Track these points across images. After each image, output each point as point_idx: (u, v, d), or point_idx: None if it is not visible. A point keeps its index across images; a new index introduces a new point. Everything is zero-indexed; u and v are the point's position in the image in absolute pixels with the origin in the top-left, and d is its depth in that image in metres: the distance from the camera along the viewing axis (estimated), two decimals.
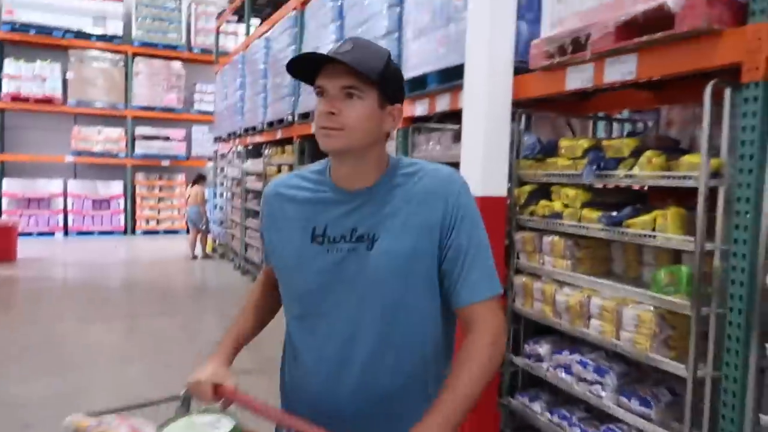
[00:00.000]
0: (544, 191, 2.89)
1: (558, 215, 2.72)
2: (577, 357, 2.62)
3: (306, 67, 1.23)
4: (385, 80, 1.21)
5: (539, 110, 3.16)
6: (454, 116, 3.21)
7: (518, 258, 2.97)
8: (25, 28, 12.25)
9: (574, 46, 2.45)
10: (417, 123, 4.01)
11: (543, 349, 2.85)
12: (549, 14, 2.69)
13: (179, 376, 1.32)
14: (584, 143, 2.61)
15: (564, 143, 2.74)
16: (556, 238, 2.74)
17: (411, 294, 1.23)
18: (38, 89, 12.40)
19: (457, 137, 3.30)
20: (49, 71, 12.52)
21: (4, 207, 12.19)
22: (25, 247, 9.90)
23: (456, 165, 2.62)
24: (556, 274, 2.73)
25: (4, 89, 12.15)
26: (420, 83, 3.65)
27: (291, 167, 6.73)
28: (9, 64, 12.23)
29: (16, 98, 12.21)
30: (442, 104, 3.48)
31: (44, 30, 12.40)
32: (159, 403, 1.33)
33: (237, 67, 8.86)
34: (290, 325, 1.35)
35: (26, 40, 12.36)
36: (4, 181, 12.30)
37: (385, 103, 1.23)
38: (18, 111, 12.53)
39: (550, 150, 2.84)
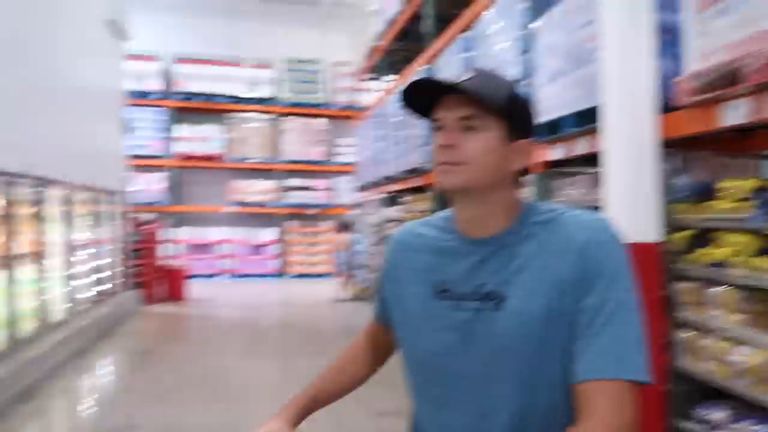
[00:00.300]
0: (702, 237, 2.65)
1: (723, 264, 2.45)
2: (764, 429, 2.30)
3: (424, 101, 1.10)
4: (510, 111, 1.07)
5: (691, 150, 2.86)
6: (593, 159, 3.10)
7: (679, 311, 2.71)
8: (192, 96, 14.03)
9: (726, 80, 2.24)
10: (554, 168, 3.87)
11: (719, 416, 2.49)
12: (692, 49, 2.47)
13: (326, 410, 1.31)
14: (751, 183, 2.37)
15: (726, 184, 2.50)
16: (726, 289, 2.45)
17: (548, 365, 1.03)
18: (203, 148, 14.06)
19: (597, 181, 3.16)
20: (211, 133, 14.17)
21: (179, 252, 13.75)
22: (194, 289, 11.09)
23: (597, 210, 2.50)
24: (729, 331, 2.43)
25: (178, 150, 13.90)
26: (555, 127, 3.58)
27: (428, 213, 6.99)
28: (181, 129, 14.00)
29: (187, 157, 13.92)
30: (580, 147, 3.38)
31: (207, 97, 14.12)
32: None
33: (374, 120, 9.45)
34: (412, 395, 1.19)
35: (194, 106, 14.13)
36: (179, 229, 13.91)
37: (512, 136, 1.07)
38: (188, 168, 14.22)
39: (706, 192, 2.62)
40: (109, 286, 8.66)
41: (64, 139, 6.87)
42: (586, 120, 3.19)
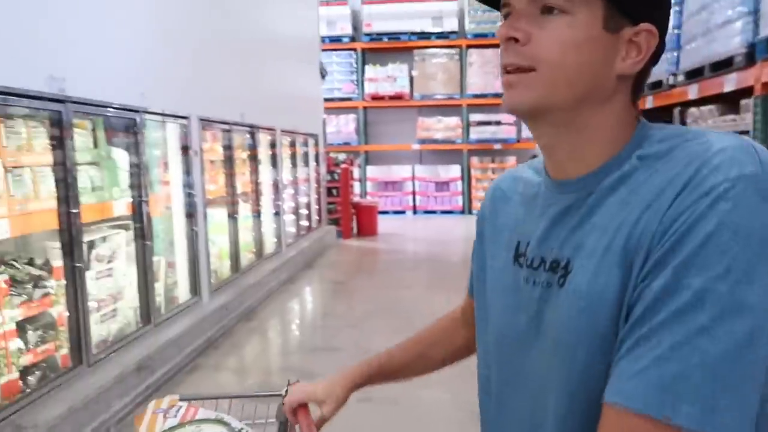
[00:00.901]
0: None
1: None
2: None
3: None
4: None
5: None
6: None
7: None
8: (379, 37, 14.40)
9: None
10: None
11: None
12: None
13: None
14: None
15: None
16: None
17: (603, 366, 0.67)
18: (390, 88, 14.47)
19: None
20: (398, 71, 14.48)
21: (368, 189, 14.64)
22: (383, 224, 11.78)
23: None
24: None
25: (366, 91, 14.50)
26: None
27: None
28: (368, 70, 14.53)
29: (374, 97, 14.48)
30: None
31: (394, 36, 14.37)
32: (258, 396, 1.23)
33: None
34: (479, 391, 0.93)
35: (380, 47, 14.50)
36: (368, 168, 14.75)
37: (620, 20, 0.70)
38: (375, 108, 14.81)
39: None
40: (309, 222, 9.56)
41: (270, 88, 7.57)
42: None
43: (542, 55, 0.70)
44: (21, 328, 3.24)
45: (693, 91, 3.83)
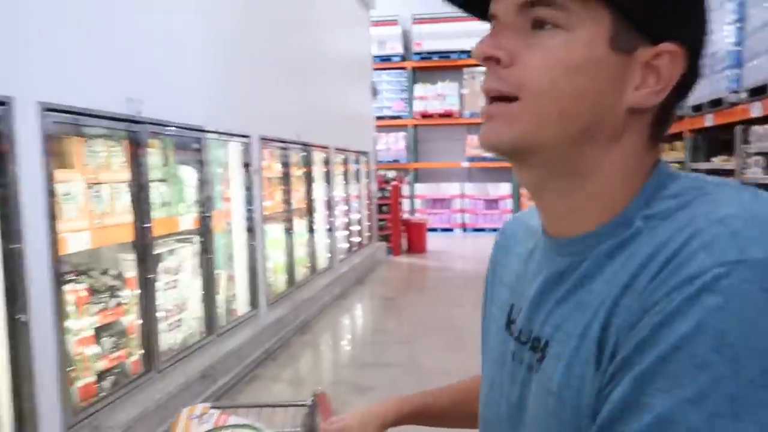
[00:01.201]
0: None
1: None
2: None
3: None
4: None
5: None
6: None
7: None
8: (429, 55, 14.58)
9: None
10: None
11: None
12: None
13: None
14: None
15: None
16: None
17: None
18: (440, 106, 14.59)
19: None
20: (448, 89, 14.61)
21: (417, 207, 14.72)
22: (431, 241, 11.81)
23: None
24: None
25: (416, 109, 14.66)
26: None
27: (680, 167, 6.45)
28: (418, 88, 14.70)
29: (424, 115, 14.62)
30: None
31: (444, 55, 14.52)
32: (285, 406, 1.31)
33: None
34: None
35: (430, 65, 14.66)
36: (416, 185, 14.85)
37: (635, 38, 0.55)
38: (425, 126, 14.94)
39: None
40: (360, 238, 9.70)
41: (324, 107, 7.78)
42: None
43: (528, 80, 0.55)
44: (97, 334, 3.43)
45: (756, 109, 3.79)
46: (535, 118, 0.56)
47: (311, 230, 7.15)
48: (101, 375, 3.40)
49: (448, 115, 14.59)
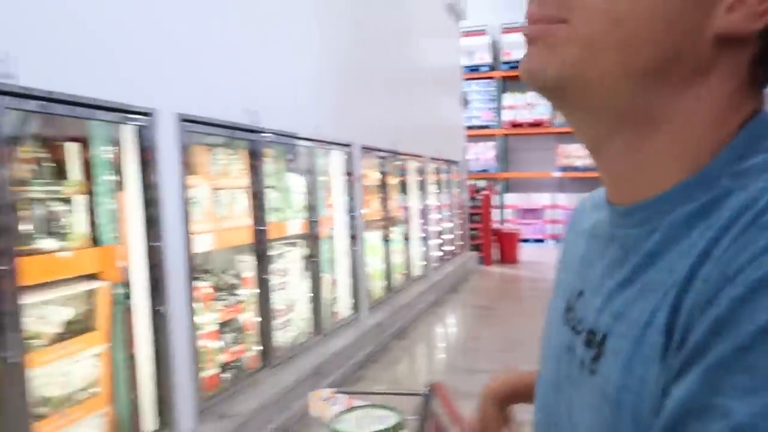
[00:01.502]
0: None
1: None
2: None
3: None
4: None
5: None
6: None
7: None
8: (518, 65, 14.41)
9: None
10: None
11: None
12: None
13: None
14: None
15: None
16: None
17: None
18: (529, 115, 14.40)
19: None
20: (537, 99, 14.39)
21: (507, 217, 14.57)
22: (523, 251, 11.63)
23: None
24: None
25: (505, 118, 14.54)
26: None
27: None
28: (507, 97, 14.58)
29: (513, 124, 14.48)
30: None
31: None
32: (403, 394, 1.43)
33: None
34: None
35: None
36: (506, 195, 14.70)
37: None
38: (514, 135, 14.78)
39: None
40: (453, 247, 9.72)
41: (417, 117, 7.91)
42: None
43: (581, 2, 0.44)
44: (220, 329, 3.68)
45: None
46: (587, 44, 0.44)
47: (406, 238, 7.26)
48: (223, 368, 3.63)
49: (537, 124, 14.37)
